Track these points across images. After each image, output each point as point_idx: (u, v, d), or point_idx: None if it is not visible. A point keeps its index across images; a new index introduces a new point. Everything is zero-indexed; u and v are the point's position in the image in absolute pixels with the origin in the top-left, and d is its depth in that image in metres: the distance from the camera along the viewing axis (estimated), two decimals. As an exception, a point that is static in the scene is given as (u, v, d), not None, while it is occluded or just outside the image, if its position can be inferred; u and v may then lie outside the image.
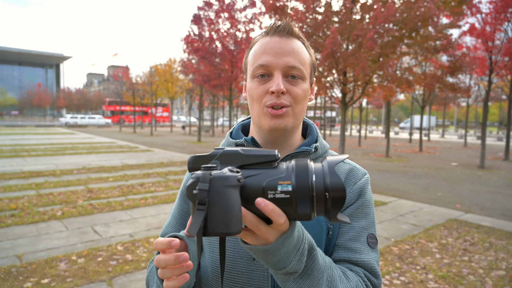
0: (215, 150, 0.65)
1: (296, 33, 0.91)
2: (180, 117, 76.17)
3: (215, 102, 35.28)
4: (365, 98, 15.47)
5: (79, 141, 21.38)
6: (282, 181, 0.59)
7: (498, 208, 7.13)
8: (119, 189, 7.93)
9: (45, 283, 3.58)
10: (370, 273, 0.87)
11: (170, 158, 13.86)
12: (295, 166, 0.61)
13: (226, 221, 0.56)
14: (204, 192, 0.56)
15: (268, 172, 0.61)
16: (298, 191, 0.58)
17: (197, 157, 0.65)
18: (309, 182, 0.58)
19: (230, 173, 0.58)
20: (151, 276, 0.89)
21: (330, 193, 0.58)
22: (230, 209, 0.56)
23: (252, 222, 0.61)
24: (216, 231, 0.57)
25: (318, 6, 9.91)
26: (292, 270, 0.68)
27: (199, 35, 18.53)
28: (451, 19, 11.32)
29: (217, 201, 0.56)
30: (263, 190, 0.59)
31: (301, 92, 0.89)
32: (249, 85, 0.93)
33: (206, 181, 0.56)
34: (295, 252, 0.68)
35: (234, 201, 0.57)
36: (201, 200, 0.56)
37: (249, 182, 0.60)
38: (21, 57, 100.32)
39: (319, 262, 0.73)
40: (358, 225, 0.91)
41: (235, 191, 0.57)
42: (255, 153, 0.63)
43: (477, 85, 25.10)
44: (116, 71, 41.28)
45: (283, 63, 0.86)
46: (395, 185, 9.42)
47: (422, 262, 4.33)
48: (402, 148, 22.00)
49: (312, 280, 0.71)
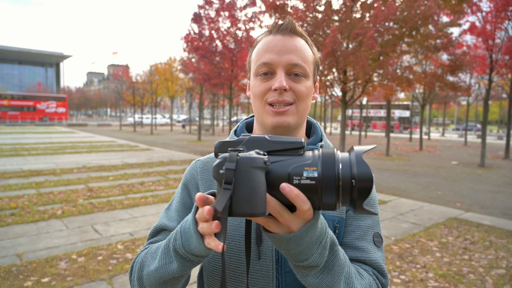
0: (242, 136, 0.65)
1: (299, 32, 0.90)
2: (180, 116, 76.18)
3: (215, 101, 35.27)
4: (366, 96, 15.46)
5: (79, 140, 21.38)
6: (308, 167, 0.58)
7: (498, 207, 7.13)
8: (119, 188, 7.93)
9: (45, 282, 3.58)
10: (378, 272, 0.87)
11: (170, 157, 13.85)
12: (321, 154, 0.60)
13: (251, 202, 0.56)
14: (230, 171, 0.56)
15: (294, 158, 0.60)
16: (324, 178, 0.57)
17: (224, 143, 0.65)
18: (336, 170, 0.58)
19: (257, 155, 0.57)
20: (149, 255, 0.85)
21: (357, 182, 0.57)
22: (255, 190, 0.56)
23: (275, 208, 0.61)
24: (241, 212, 0.56)
25: (318, 5, 9.89)
26: (314, 264, 0.68)
27: (199, 33, 18.49)
28: (451, 18, 11.30)
29: (243, 181, 0.56)
30: (288, 175, 0.59)
31: (304, 89, 0.89)
32: (252, 83, 0.93)
33: (233, 161, 0.56)
34: (318, 244, 0.67)
35: (260, 182, 0.57)
36: (228, 179, 0.56)
37: (274, 168, 0.59)
38: (21, 56, 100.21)
39: (340, 258, 0.73)
40: (364, 224, 0.91)
41: (261, 173, 0.57)
42: (281, 139, 0.62)
43: (478, 84, 25.09)
44: (116, 70, 41.22)
45: (286, 61, 0.86)
46: (396, 183, 9.42)
47: (422, 260, 4.33)
48: (402, 146, 22.00)
49: (333, 276, 0.71)
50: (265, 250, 0.87)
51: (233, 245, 0.89)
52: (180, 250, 0.73)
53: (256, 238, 0.87)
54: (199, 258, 0.74)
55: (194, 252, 0.71)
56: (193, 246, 0.70)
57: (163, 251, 0.79)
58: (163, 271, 0.77)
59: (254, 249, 0.87)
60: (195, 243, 0.69)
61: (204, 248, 0.68)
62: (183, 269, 0.75)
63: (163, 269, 0.77)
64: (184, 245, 0.72)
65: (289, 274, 0.87)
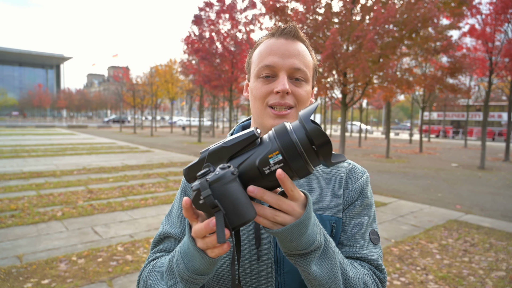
0: (201, 153, 0.67)
1: (301, 37, 0.92)
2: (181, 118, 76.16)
3: (215, 103, 35.28)
4: (365, 99, 15.48)
5: (79, 142, 21.38)
6: (271, 154, 0.61)
7: (498, 209, 7.13)
8: (119, 189, 7.93)
9: (45, 284, 3.57)
10: (376, 268, 0.88)
11: (170, 159, 13.86)
12: (275, 133, 0.63)
13: (238, 213, 0.60)
14: (209, 197, 0.59)
15: (255, 151, 0.63)
16: (287, 154, 0.60)
17: (189, 168, 0.67)
18: (292, 139, 0.60)
19: (223, 171, 0.60)
20: (153, 274, 0.84)
21: (315, 143, 0.60)
22: (237, 201, 0.60)
23: (273, 199, 0.63)
24: (235, 225, 0.60)
25: (318, 7, 9.91)
26: (319, 244, 0.70)
27: (199, 35, 18.53)
28: (451, 20, 11.32)
29: (224, 200, 0.60)
30: (258, 169, 0.62)
31: (304, 93, 0.90)
32: (252, 84, 0.93)
33: (206, 187, 0.59)
34: (316, 224, 0.71)
35: (237, 193, 0.60)
36: (212, 204, 0.59)
37: (244, 168, 0.63)
38: (21, 58, 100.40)
39: (330, 239, 0.76)
40: (361, 222, 0.92)
41: (234, 184, 0.60)
42: (236, 140, 0.65)
43: (477, 86, 25.11)
44: (116, 72, 41.31)
45: (288, 65, 0.88)
46: (395, 186, 9.41)
47: (422, 263, 4.32)
48: (402, 149, 22.00)
49: (330, 259, 0.73)
50: (264, 252, 0.87)
51: (232, 247, 0.89)
52: (185, 274, 0.72)
53: (255, 239, 0.88)
54: (205, 277, 0.74)
55: (200, 270, 0.71)
56: (197, 264, 0.70)
57: (167, 272, 0.78)
58: None
59: (253, 251, 0.88)
60: (199, 260, 0.69)
61: (209, 261, 0.68)
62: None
63: None
64: (188, 267, 0.72)
65: (288, 275, 0.87)
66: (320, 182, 0.94)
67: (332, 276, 0.73)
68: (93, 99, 74.70)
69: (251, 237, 0.88)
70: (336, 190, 0.94)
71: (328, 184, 0.95)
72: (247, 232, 0.89)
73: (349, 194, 0.94)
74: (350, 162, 1.01)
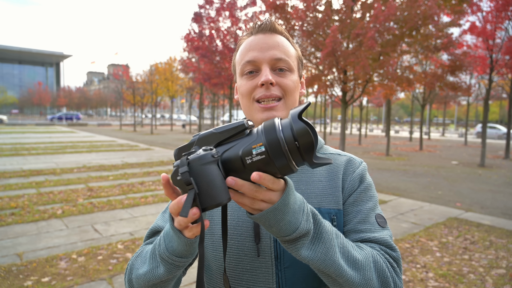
0: (193, 137, 0.69)
1: (279, 30, 0.93)
2: (180, 116, 76.16)
3: (215, 101, 35.25)
4: (366, 96, 15.46)
5: (79, 140, 21.38)
6: (255, 145, 0.62)
7: (498, 207, 7.13)
8: (120, 187, 7.93)
9: (45, 282, 3.58)
10: (386, 247, 0.86)
11: (170, 157, 13.85)
12: (263, 127, 0.64)
13: (211, 194, 0.61)
14: (186, 173, 0.60)
15: (241, 141, 0.65)
16: (271, 148, 0.61)
17: (179, 149, 0.69)
18: (278, 137, 0.61)
19: (205, 152, 0.62)
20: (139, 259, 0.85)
21: (299, 141, 0.60)
22: (212, 183, 0.61)
23: (250, 189, 0.63)
24: (206, 205, 0.61)
25: (318, 5, 9.88)
26: (304, 231, 0.69)
27: (199, 33, 18.49)
28: (451, 18, 11.28)
29: (199, 180, 0.61)
30: (241, 158, 0.63)
31: (290, 83, 0.90)
32: (238, 83, 0.94)
33: (185, 164, 0.61)
34: (301, 212, 0.69)
35: (214, 175, 0.61)
36: (186, 181, 0.60)
37: (228, 155, 0.64)
38: (21, 56, 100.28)
39: (326, 225, 0.74)
40: (365, 208, 0.91)
41: (213, 166, 0.61)
42: (225, 128, 0.67)
43: (478, 84, 25.07)
44: (116, 70, 41.21)
45: (269, 56, 0.88)
46: (396, 183, 9.42)
47: (422, 260, 4.33)
48: (402, 146, 21.99)
49: (324, 243, 0.72)
50: (264, 247, 0.87)
51: (232, 244, 0.89)
52: (164, 254, 0.74)
53: (255, 235, 0.87)
54: (183, 260, 0.74)
55: (178, 251, 0.71)
56: (175, 245, 0.71)
57: (150, 255, 0.80)
58: (150, 276, 0.78)
59: (253, 247, 0.87)
60: (176, 240, 0.70)
61: (185, 241, 0.68)
62: (169, 273, 0.76)
63: (150, 274, 0.78)
64: (168, 248, 0.73)
65: (288, 270, 0.87)
66: (318, 176, 0.94)
67: (328, 260, 0.71)
68: (93, 97, 74.67)
69: (250, 233, 0.88)
70: (335, 182, 0.93)
71: (326, 177, 0.94)
72: (247, 228, 0.88)
73: (349, 184, 0.93)
74: (346, 154, 1.00)
